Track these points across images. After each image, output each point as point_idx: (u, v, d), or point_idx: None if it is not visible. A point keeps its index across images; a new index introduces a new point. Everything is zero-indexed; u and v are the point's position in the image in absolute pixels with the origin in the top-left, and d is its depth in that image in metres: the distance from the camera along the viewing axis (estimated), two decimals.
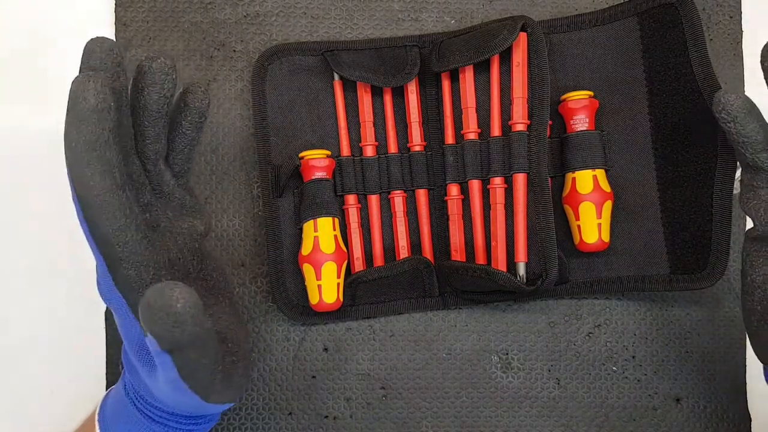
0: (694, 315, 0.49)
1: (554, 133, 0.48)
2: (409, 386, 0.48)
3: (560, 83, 0.48)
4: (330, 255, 0.45)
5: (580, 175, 0.46)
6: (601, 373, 0.48)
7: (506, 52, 0.45)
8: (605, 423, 0.48)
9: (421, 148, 0.48)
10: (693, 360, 0.49)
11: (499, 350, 0.49)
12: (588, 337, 0.49)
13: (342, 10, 0.50)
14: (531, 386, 0.48)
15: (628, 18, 0.47)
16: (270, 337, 0.48)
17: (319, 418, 0.48)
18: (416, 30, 0.50)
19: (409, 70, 0.47)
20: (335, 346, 0.48)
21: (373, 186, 0.48)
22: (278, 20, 0.50)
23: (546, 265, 0.44)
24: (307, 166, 0.46)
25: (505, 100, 0.46)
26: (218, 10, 0.49)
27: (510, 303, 0.49)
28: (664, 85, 0.45)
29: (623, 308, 0.49)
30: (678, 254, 0.45)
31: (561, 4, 0.50)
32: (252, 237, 0.48)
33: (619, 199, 0.47)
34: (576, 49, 0.48)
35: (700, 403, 0.48)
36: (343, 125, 0.48)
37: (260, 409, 0.48)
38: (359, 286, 0.47)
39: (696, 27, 0.43)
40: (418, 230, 0.48)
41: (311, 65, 0.48)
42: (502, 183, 0.46)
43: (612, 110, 0.47)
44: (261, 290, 0.48)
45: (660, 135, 0.46)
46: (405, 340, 0.49)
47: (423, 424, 0.48)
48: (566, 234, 0.47)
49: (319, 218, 0.45)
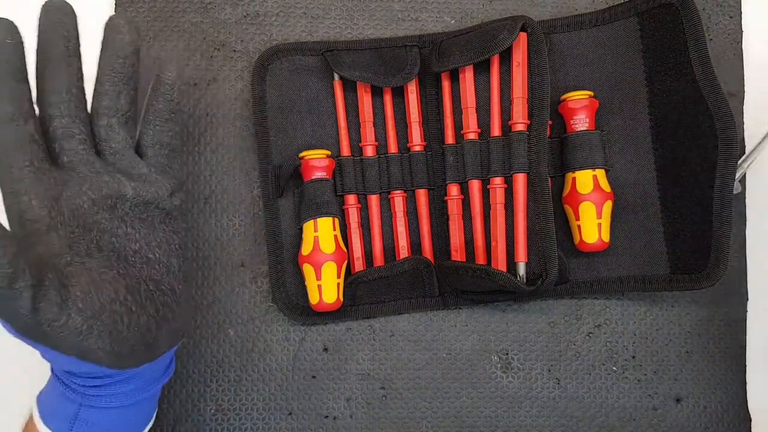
0: (694, 315, 0.49)
1: (554, 133, 0.48)
2: (409, 386, 0.48)
3: (560, 83, 0.48)
4: (330, 255, 0.45)
5: (580, 175, 0.46)
6: (601, 373, 0.48)
7: (506, 52, 0.45)
8: (605, 423, 0.48)
9: (421, 148, 0.48)
10: (693, 360, 0.49)
11: (499, 350, 0.49)
12: (588, 337, 0.49)
13: (342, 10, 0.50)
14: (531, 386, 0.48)
15: (628, 18, 0.47)
16: (270, 337, 0.48)
17: (319, 418, 0.48)
18: (416, 30, 0.50)
19: (409, 70, 0.47)
20: (335, 346, 0.48)
21: (373, 186, 0.48)
22: (278, 20, 0.50)
23: (546, 265, 0.44)
24: (307, 166, 0.46)
25: (505, 100, 0.46)
26: (218, 10, 0.49)
27: (510, 303, 0.49)
28: (664, 85, 0.45)
29: (623, 308, 0.49)
30: (678, 254, 0.45)
31: (561, 4, 0.50)
32: (252, 237, 0.48)
33: (619, 199, 0.47)
34: (576, 49, 0.48)
35: (700, 403, 0.48)
36: (343, 125, 0.48)
37: (260, 409, 0.48)
38: (359, 286, 0.47)
39: (696, 27, 0.43)
40: (418, 230, 0.48)
41: (311, 65, 0.48)
42: (502, 183, 0.46)
43: (612, 110, 0.47)
44: (261, 290, 0.48)
45: (660, 135, 0.46)
46: (405, 340, 0.49)
47: (423, 424, 0.48)
48: (566, 234, 0.47)
49: (319, 218, 0.45)
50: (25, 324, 0.31)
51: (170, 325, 0.37)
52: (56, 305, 0.32)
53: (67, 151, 0.36)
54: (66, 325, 0.32)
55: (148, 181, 0.38)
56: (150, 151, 0.39)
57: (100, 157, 0.38)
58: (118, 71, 0.37)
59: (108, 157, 0.38)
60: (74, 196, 0.35)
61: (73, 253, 0.34)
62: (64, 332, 0.32)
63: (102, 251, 0.36)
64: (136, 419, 0.40)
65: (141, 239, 0.38)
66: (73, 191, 0.36)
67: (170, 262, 0.39)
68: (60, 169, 0.36)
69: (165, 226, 0.39)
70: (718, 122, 0.42)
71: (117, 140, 0.38)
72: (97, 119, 0.37)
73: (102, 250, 0.36)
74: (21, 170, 0.34)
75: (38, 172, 0.34)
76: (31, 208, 0.34)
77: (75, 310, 0.32)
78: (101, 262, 0.35)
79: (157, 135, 0.39)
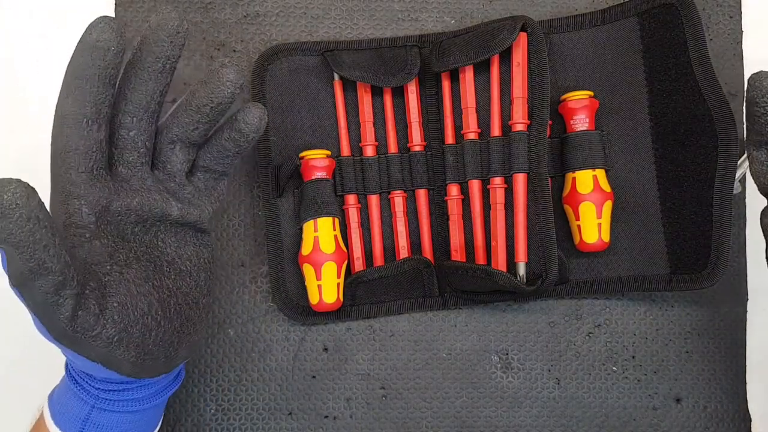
0: (694, 315, 0.49)
1: (554, 133, 0.48)
2: (409, 386, 0.48)
3: (560, 83, 0.48)
4: (330, 255, 0.45)
5: (580, 175, 0.46)
6: (601, 373, 0.48)
7: (506, 52, 0.45)
8: (605, 423, 0.48)
9: (421, 148, 0.48)
10: (693, 360, 0.49)
11: (499, 350, 0.49)
12: (588, 337, 0.49)
13: (342, 10, 0.50)
14: (531, 386, 0.48)
15: (628, 18, 0.47)
16: (270, 337, 0.48)
17: (319, 418, 0.48)
18: (416, 30, 0.50)
19: (409, 70, 0.47)
20: (335, 346, 0.48)
21: (373, 186, 0.48)
22: (278, 20, 0.50)
23: (546, 265, 0.44)
24: (307, 166, 0.46)
25: (505, 100, 0.46)
26: (218, 10, 0.49)
27: (510, 303, 0.49)
28: (664, 85, 0.45)
29: (623, 308, 0.49)
30: (678, 254, 0.45)
31: (561, 4, 0.50)
32: (252, 237, 0.48)
33: (619, 199, 0.47)
34: (576, 49, 0.48)
35: (700, 403, 0.48)
36: (343, 125, 0.48)
37: (260, 409, 0.48)
38: (359, 286, 0.47)
39: (696, 27, 0.43)
40: (418, 230, 0.48)
41: (311, 65, 0.48)
42: (502, 183, 0.46)
43: (612, 110, 0.47)
44: (261, 290, 0.48)
45: (660, 135, 0.46)
46: (405, 340, 0.49)
47: (423, 424, 0.48)
48: (566, 234, 0.47)
49: (319, 218, 0.45)
50: (61, 330, 0.31)
51: (191, 338, 0.38)
52: (94, 315, 0.32)
53: (126, 162, 0.36)
54: (99, 334, 0.32)
55: (193, 204, 0.39)
56: (201, 174, 0.40)
57: (153, 173, 0.38)
58: (208, 113, 0.37)
59: (160, 174, 0.38)
60: (122, 209, 0.35)
61: (113, 263, 0.34)
62: (96, 341, 0.32)
63: (140, 261, 0.36)
64: (145, 425, 0.40)
65: (174, 251, 0.38)
66: (122, 204, 0.35)
67: (199, 276, 0.39)
68: (114, 177, 0.36)
69: (196, 240, 0.40)
70: (718, 122, 0.42)
71: (175, 163, 0.38)
72: (165, 140, 0.37)
73: (140, 260, 0.36)
74: (79, 174, 0.33)
75: (95, 179, 0.34)
76: (79, 214, 0.34)
77: (110, 321, 0.32)
78: (139, 273, 0.35)
79: (213, 164, 0.39)
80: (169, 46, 0.35)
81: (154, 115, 0.36)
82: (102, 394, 0.37)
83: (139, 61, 0.35)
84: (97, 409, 0.37)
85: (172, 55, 0.35)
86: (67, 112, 0.33)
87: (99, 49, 0.32)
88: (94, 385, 0.37)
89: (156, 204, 0.37)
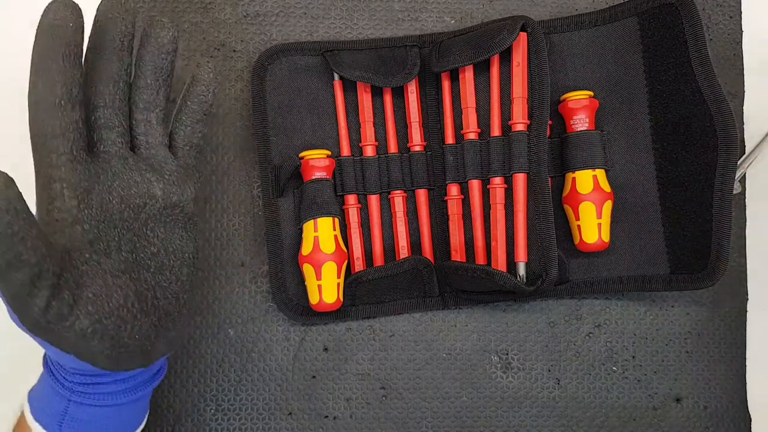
0: (694, 315, 0.49)
1: (554, 133, 0.48)
2: (409, 386, 0.48)
3: (560, 83, 0.48)
4: (330, 255, 0.45)
5: (580, 175, 0.46)
6: (601, 373, 0.49)
7: (506, 52, 0.45)
8: (605, 423, 0.48)
9: (421, 148, 0.48)
10: (693, 360, 0.49)
11: (499, 350, 0.49)
12: (588, 337, 0.49)
13: (342, 10, 0.50)
14: (531, 386, 0.48)
15: (628, 18, 0.47)
16: (270, 337, 0.48)
17: (319, 418, 0.48)
18: (416, 30, 0.50)
19: (409, 70, 0.47)
20: (335, 346, 0.48)
21: (373, 186, 0.48)
22: (278, 20, 0.50)
23: (546, 265, 0.44)
24: (307, 166, 0.46)
25: (505, 100, 0.46)
26: (218, 10, 0.49)
27: (510, 303, 0.49)
28: (664, 85, 0.45)
29: (623, 308, 0.49)
30: (678, 254, 0.45)
31: (561, 4, 0.50)
32: (252, 237, 0.48)
33: (619, 199, 0.47)
34: (576, 49, 0.48)
35: (700, 403, 0.48)
36: (343, 125, 0.48)
37: (260, 409, 0.48)
38: (359, 286, 0.47)
39: (696, 27, 0.43)
40: (418, 230, 0.48)
41: (311, 65, 0.48)
42: (502, 183, 0.46)
43: (612, 110, 0.47)
44: (261, 290, 0.48)
45: (660, 135, 0.46)
46: (405, 340, 0.49)
47: (423, 424, 0.48)
48: (566, 234, 0.47)
49: (319, 218, 0.45)
50: (34, 321, 0.31)
51: (169, 333, 0.38)
52: (67, 306, 0.32)
53: (105, 141, 0.36)
54: (73, 325, 0.32)
55: (176, 182, 0.39)
56: (180, 152, 0.40)
57: (135, 153, 0.38)
58: (160, 66, 0.38)
59: (143, 152, 0.38)
60: (104, 192, 0.36)
61: (92, 250, 0.34)
62: (69, 332, 0.32)
63: (120, 251, 0.36)
64: (127, 420, 0.40)
65: (159, 243, 0.38)
66: (104, 186, 0.36)
67: (181, 271, 0.39)
68: (95, 160, 0.36)
69: (184, 232, 0.40)
70: (718, 122, 0.42)
71: (154, 135, 0.38)
72: (137, 113, 0.38)
73: (120, 250, 0.36)
74: (59, 157, 0.33)
75: (75, 161, 0.34)
76: (61, 197, 0.34)
77: (84, 313, 0.32)
78: (116, 264, 0.35)
79: (188, 135, 0.40)
80: (121, 23, 0.36)
81: (125, 94, 0.37)
82: (78, 387, 0.36)
83: (98, 44, 0.36)
84: (74, 403, 0.36)
85: (127, 32, 0.36)
86: (40, 96, 0.33)
87: (58, 27, 0.33)
88: (70, 378, 0.36)
89: (137, 185, 0.37)
